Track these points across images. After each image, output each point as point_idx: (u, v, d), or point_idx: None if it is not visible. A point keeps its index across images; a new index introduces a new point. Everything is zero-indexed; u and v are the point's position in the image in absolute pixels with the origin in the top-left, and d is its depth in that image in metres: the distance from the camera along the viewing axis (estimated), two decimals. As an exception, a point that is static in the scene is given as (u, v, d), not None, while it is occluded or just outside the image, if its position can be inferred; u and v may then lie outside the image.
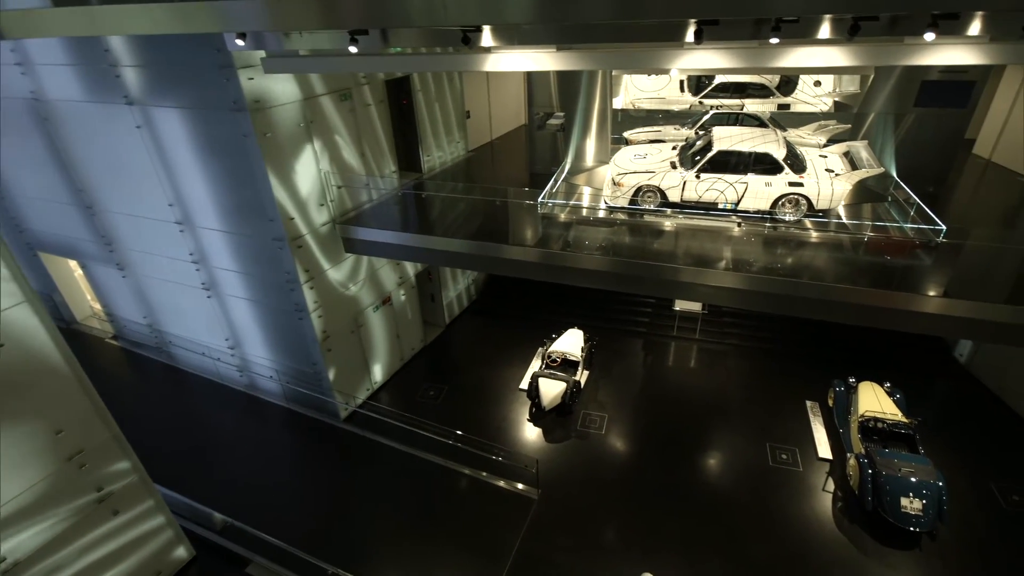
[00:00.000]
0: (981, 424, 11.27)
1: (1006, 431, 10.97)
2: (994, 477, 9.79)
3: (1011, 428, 11.02)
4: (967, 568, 8.29)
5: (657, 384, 12.89)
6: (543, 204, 9.87)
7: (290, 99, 8.83)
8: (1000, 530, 8.90)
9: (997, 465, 10.07)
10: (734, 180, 8.93)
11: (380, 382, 12.78)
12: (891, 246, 8.48)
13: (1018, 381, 11.41)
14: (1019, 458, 10.26)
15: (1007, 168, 11.48)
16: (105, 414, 7.34)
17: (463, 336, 15.09)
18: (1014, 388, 11.47)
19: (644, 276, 8.65)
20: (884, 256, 8.33)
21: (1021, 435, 10.81)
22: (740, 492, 9.79)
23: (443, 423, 11.39)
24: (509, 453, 9.99)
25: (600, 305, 15.72)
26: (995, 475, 9.83)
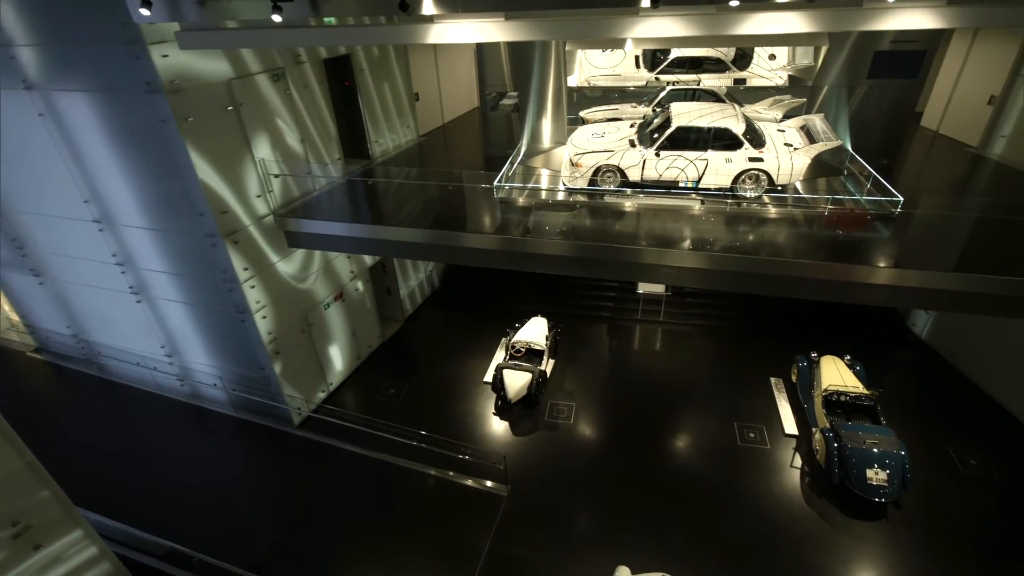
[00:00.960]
0: (936, 391, 11.62)
1: (960, 397, 11.34)
2: (951, 443, 10.08)
3: (964, 394, 11.40)
4: (931, 534, 8.48)
5: (624, 369, 12.75)
6: (499, 188, 9.43)
7: (215, 79, 8.04)
8: (960, 494, 9.15)
9: (953, 431, 10.38)
10: (694, 157, 8.72)
11: (336, 383, 12.15)
12: (849, 219, 8.47)
13: (969, 348, 11.80)
14: (974, 423, 10.61)
15: (955, 139, 11.76)
16: (15, 439, 6.51)
17: (423, 330, 14.57)
18: (966, 355, 11.87)
19: (607, 260, 8.38)
20: (842, 230, 8.31)
21: (974, 401, 11.19)
22: (710, 474, 9.74)
23: (406, 422, 10.89)
24: (475, 451, 9.61)
25: (563, 291, 15.47)
26: (952, 441, 10.12)
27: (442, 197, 10.12)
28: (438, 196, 10.17)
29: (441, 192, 10.28)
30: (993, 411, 10.86)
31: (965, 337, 11.91)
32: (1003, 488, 9.25)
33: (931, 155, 11.61)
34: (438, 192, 10.31)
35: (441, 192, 10.28)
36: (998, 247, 7.66)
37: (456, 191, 10.20)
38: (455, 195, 10.10)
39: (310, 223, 9.52)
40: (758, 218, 8.74)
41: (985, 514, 8.82)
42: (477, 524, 8.99)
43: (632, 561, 8.04)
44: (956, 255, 7.79)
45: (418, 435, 9.65)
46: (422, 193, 10.43)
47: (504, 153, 10.82)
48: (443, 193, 10.23)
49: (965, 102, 11.55)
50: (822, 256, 7.70)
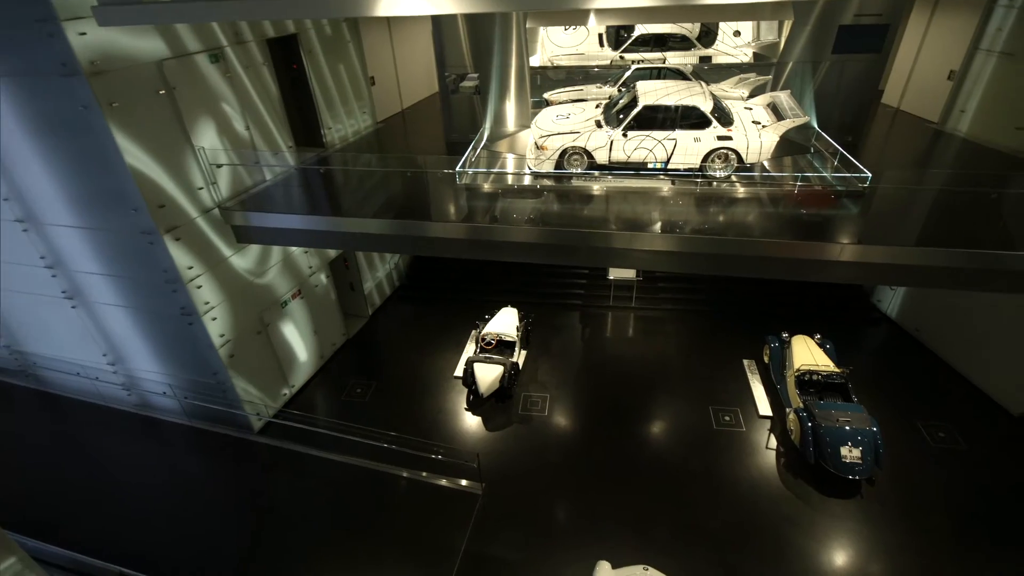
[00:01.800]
0: (903, 367, 11.83)
1: (925, 371, 11.57)
2: (919, 416, 10.25)
3: (930, 368, 11.63)
4: (904, 508, 8.57)
5: (597, 357, 12.57)
6: (462, 174, 9.01)
7: (143, 59, 7.34)
8: (930, 467, 9.31)
9: (921, 405, 10.56)
10: (662, 137, 8.47)
11: (299, 385, 11.59)
12: (818, 197, 8.39)
13: (933, 323, 12.05)
14: (940, 396, 10.83)
15: (916, 116, 11.89)
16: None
17: (389, 325, 14.08)
18: (930, 329, 12.11)
19: (576, 246, 8.10)
20: (811, 208, 8.23)
21: (939, 374, 11.43)
22: (688, 460, 9.66)
23: (374, 421, 10.49)
24: (447, 449, 9.27)
25: (534, 280, 15.19)
26: (920, 415, 10.29)
27: (404, 185, 9.64)
28: (399, 185, 9.68)
29: (402, 180, 9.79)
30: (957, 383, 11.11)
31: (929, 312, 12.14)
32: (970, 458, 9.45)
33: (893, 132, 11.70)
34: (399, 180, 9.82)
35: (402, 180, 9.79)
36: (958, 221, 7.69)
37: (418, 179, 9.73)
38: (417, 183, 9.63)
39: (260, 216, 8.92)
40: (728, 198, 8.58)
41: (954, 485, 8.98)
42: (452, 525, 8.67)
43: (613, 553, 7.87)
44: (919, 230, 7.80)
45: (387, 436, 9.24)
46: (382, 182, 9.92)
47: (467, 138, 10.38)
48: (404, 181, 9.74)
49: (925, 78, 11.67)
50: (792, 235, 7.59)
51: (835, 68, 10.04)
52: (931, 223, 7.90)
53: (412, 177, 9.77)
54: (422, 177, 9.74)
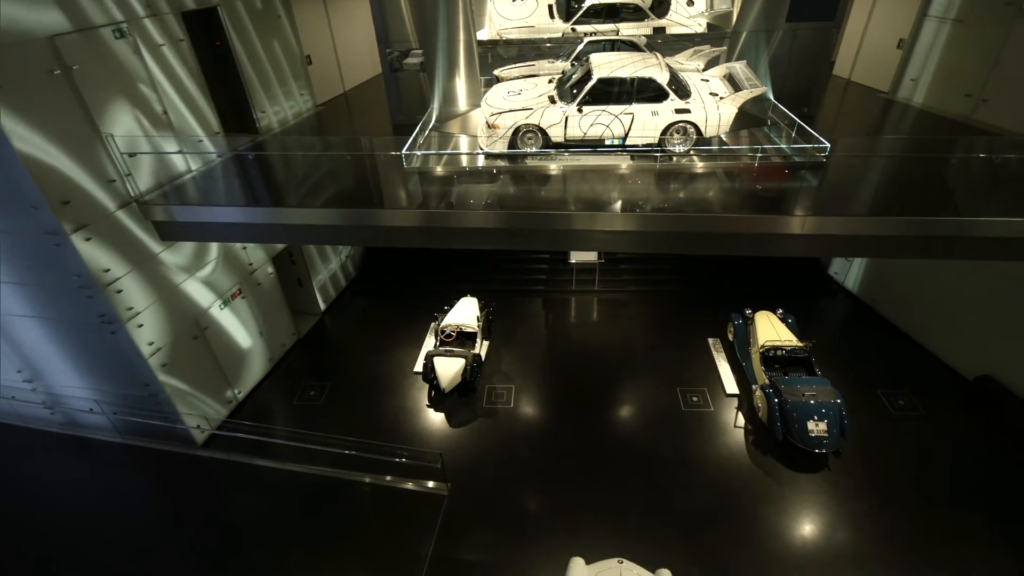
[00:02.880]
0: (861, 336, 12.05)
1: (883, 340, 11.81)
2: (879, 385, 10.43)
3: (887, 337, 11.88)
4: (870, 477, 8.68)
5: (562, 344, 12.30)
6: (409, 157, 8.45)
7: (31, 34, 6.44)
8: (892, 435, 9.46)
9: (880, 374, 10.75)
10: (619, 111, 8.13)
11: (246, 391, 10.86)
12: (778, 170, 8.26)
13: (887, 292, 12.30)
14: (897, 364, 11.06)
15: (867, 86, 11.98)
16: None
17: (343, 322, 13.41)
18: (885, 299, 12.37)
19: (535, 229, 7.70)
20: (771, 181, 8.09)
21: (896, 343, 11.68)
22: (658, 444, 9.52)
23: (330, 425, 9.96)
24: (408, 450, 8.81)
25: (493, 267, 14.78)
26: (880, 384, 10.48)
27: (349, 172, 8.98)
28: (345, 171, 9.02)
29: (348, 167, 9.13)
30: (914, 351, 11.38)
31: (884, 282, 12.39)
32: (929, 423, 9.67)
33: (845, 103, 11.76)
34: (344, 167, 9.15)
35: (348, 167, 9.13)
36: (913, 190, 7.69)
37: (366, 165, 9.09)
38: (365, 169, 8.99)
39: (187, 210, 8.12)
40: (688, 174, 8.34)
41: (916, 450, 9.17)
42: (418, 530, 8.26)
43: (586, 546, 7.64)
44: (877, 200, 7.78)
45: (345, 442, 8.70)
46: (325, 168, 9.23)
47: (415, 120, 9.77)
48: (350, 168, 9.08)
49: (875, 47, 11.74)
50: (753, 209, 7.42)
51: (788, 37, 9.93)
52: (888, 192, 7.88)
53: (359, 163, 9.12)
54: (370, 163, 9.11)
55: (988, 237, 6.70)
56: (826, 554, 7.67)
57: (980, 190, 7.59)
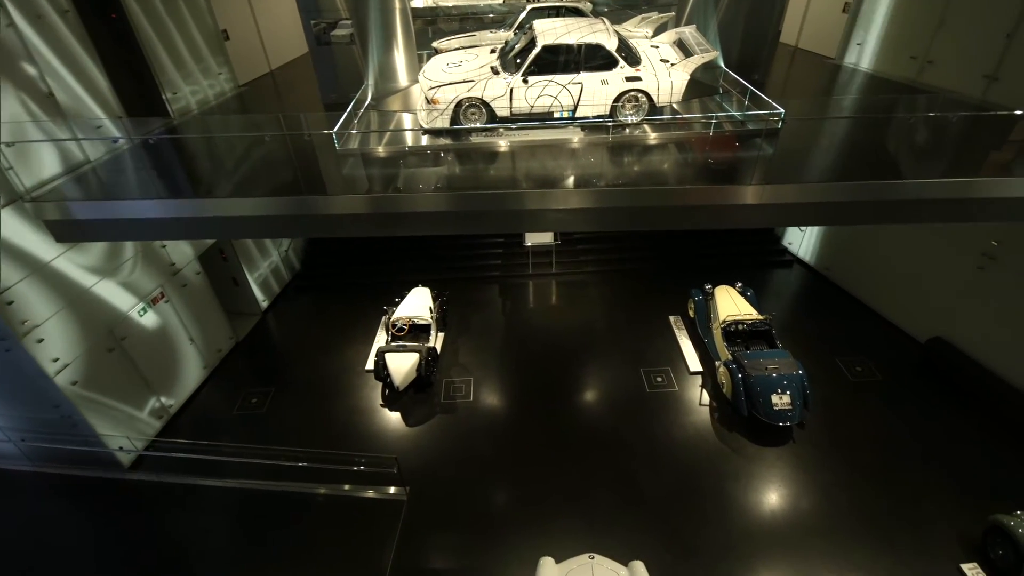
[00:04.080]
0: (817, 305, 12.20)
1: (839, 308, 11.98)
2: (837, 353, 10.55)
3: (842, 304, 12.06)
4: (835, 447, 8.73)
5: (521, 330, 11.92)
6: (341, 138, 7.75)
7: None
8: (852, 402, 9.57)
9: (837, 341, 10.88)
10: (567, 81, 7.68)
11: (178, 405, 9.99)
12: (732, 139, 8.03)
13: (840, 260, 12.48)
14: (853, 331, 11.22)
15: (814, 52, 11.95)
16: None
17: (287, 320, 12.60)
18: (838, 267, 12.55)
19: (486, 211, 7.19)
20: (726, 152, 7.86)
21: (851, 310, 11.87)
22: (624, 428, 9.31)
23: (276, 434, 9.32)
24: (358, 456, 8.25)
25: (445, 254, 14.22)
26: (838, 351, 10.60)
27: (278, 157, 8.20)
28: (272, 156, 8.22)
29: (276, 151, 8.33)
30: (868, 317, 11.58)
31: (836, 250, 12.56)
32: (886, 388, 9.84)
33: (794, 70, 11.70)
34: (271, 151, 8.34)
35: (276, 151, 8.33)
36: (863, 153, 7.63)
37: (295, 149, 8.31)
38: (295, 153, 8.22)
39: (87, 206, 7.18)
40: (642, 146, 8.01)
41: (875, 416, 9.30)
42: (376, 540, 7.76)
43: (556, 542, 7.39)
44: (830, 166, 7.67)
45: (289, 452, 8.06)
46: (250, 154, 8.39)
47: (348, 99, 9.04)
48: (279, 152, 8.29)
49: (820, 13, 11.70)
50: (709, 180, 7.17)
51: (735, 3, 9.69)
52: (842, 158, 7.77)
53: (290, 147, 8.33)
54: (302, 146, 8.33)
55: (944, 199, 6.66)
56: (795, 527, 7.65)
57: (931, 151, 7.59)
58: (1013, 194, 6.65)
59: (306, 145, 8.26)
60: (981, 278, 9.43)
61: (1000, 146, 7.60)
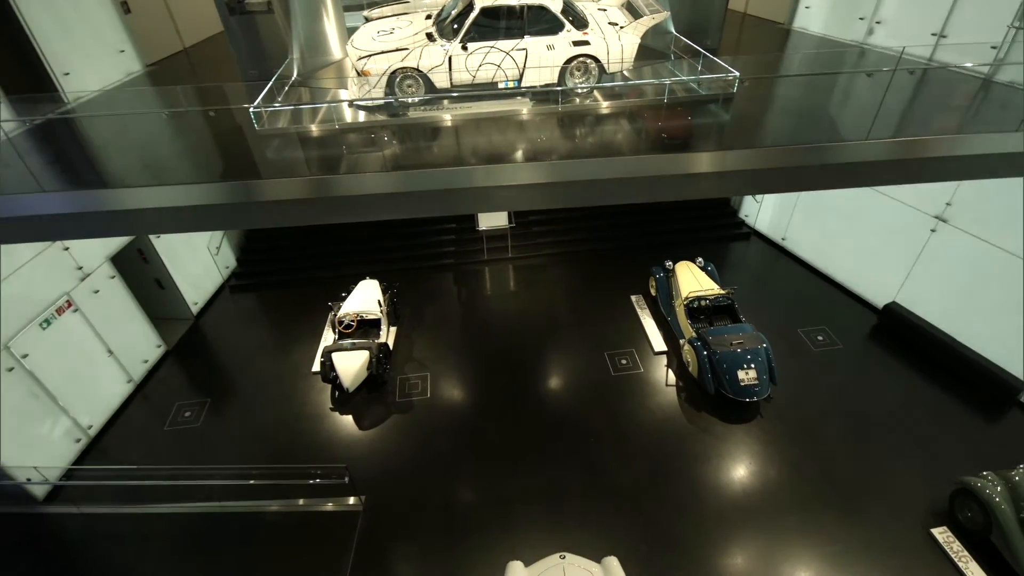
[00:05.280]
0: (776, 276, 12.20)
1: (797, 278, 12.00)
2: (799, 323, 10.53)
3: (800, 274, 12.09)
4: (802, 419, 8.67)
5: (479, 319, 11.42)
6: (262, 118, 6.96)
7: None
8: (816, 372, 9.55)
9: (798, 311, 10.88)
10: (510, 47, 7.13)
11: (99, 426, 9.05)
12: (687, 107, 7.69)
13: (795, 229, 12.49)
14: (812, 300, 11.25)
15: (763, 18, 11.76)
16: None
17: (224, 323, 11.67)
18: (794, 236, 12.57)
19: (431, 190, 6.59)
20: (682, 119, 7.52)
21: (809, 279, 11.90)
22: (591, 415, 8.98)
23: (214, 449, 8.58)
24: (304, 469, 7.62)
25: (394, 242, 13.52)
26: (799, 321, 10.58)
27: (196, 141, 7.31)
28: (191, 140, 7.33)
29: (190, 134, 7.45)
30: (827, 285, 11.64)
31: (791, 220, 12.55)
32: (847, 355, 9.87)
33: (744, 36, 11.48)
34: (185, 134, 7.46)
35: (190, 134, 7.45)
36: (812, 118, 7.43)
37: (217, 132, 7.45)
38: (210, 138, 7.36)
39: (-41, 206, 6.19)
40: (595, 116, 7.55)
41: (839, 384, 9.30)
42: (330, 556, 7.19)
43: (524, 543, 7.04)
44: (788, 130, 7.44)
45: (221, 470, 7.36)
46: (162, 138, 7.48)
47: (271, 76, 8.20)
48: (193, 135, 7.41)
49: (768, -24, 11.51)
50: (667, 149, 6.79)
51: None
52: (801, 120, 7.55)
53: (206, 130, 7.45)
54: (224, 129, 7.47)
55: (898, 160, 6.52)
56: (769, 505, 7.52)
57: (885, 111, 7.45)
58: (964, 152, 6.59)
59: (230, 127, 7.41)
60: (934, 241, 9.52)
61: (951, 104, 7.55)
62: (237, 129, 7.17)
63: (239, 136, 7.15)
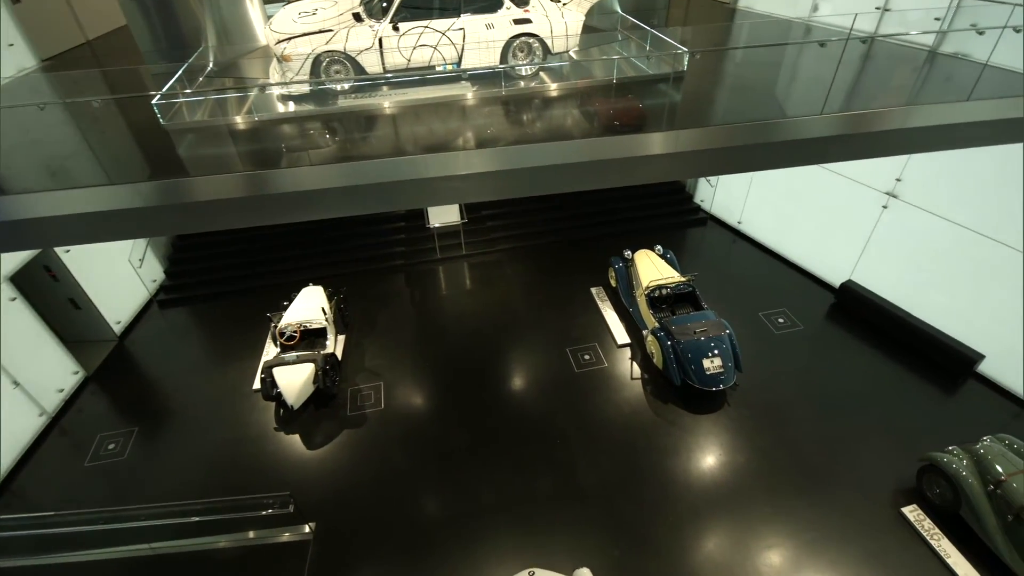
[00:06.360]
0: (735, 261, 12.16)
1: (755, 261, 11.99)
2: (759, 307, 10.48)
3: (758, 257, 12.08)
4: (768, 404, 8.56)
5: (434, 322, 10.89)
6: (168, 112, 6.25)
7: None
8: (779, 355, 9.49)
9: (757, 295, 10.83)
10: (445, 27, 6.65)
11: (8, 467, 8.11)
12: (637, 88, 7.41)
13: (750, 212, 12.50)
14: (770, 283, 11.24)
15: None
16: None
17: (152, 343, 10.74)
18: (749, 219, 12.57)
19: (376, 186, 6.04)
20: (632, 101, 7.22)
21: (767, 262, 11.91)
22: (555, 416, 8.63)
23: (142, 484, 7.80)
24: (236, 501, 6.95)
25: (338, 244, 12.82)
26: (759, 305, 10.53)
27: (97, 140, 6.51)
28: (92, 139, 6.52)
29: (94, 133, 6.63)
30: (784, 267, 11.66)
31: (746, 203, 12.55)
32: (809, 336, 9.87)
33: (690, 15, 11.34)
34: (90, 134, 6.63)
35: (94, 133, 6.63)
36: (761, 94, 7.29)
37: (120, 129, 6.65)
38: (121, 135, 6.57)
39: None
40: (542, 99, 7.16)
41: (802, 366, 9.28)
42: (278, 593, 6.59)
43: (491, 559, 6.65)
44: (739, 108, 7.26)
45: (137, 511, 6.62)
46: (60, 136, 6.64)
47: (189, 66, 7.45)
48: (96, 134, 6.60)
49: (711, -46, 11.39)
50: (616, 132, 6.48)
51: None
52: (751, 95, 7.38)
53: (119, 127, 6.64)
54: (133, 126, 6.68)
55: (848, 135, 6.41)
56: (741, 495, 7.34)
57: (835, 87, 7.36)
58: (917, 124, 6.54)
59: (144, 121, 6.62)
60: (886, 217, 9.59)
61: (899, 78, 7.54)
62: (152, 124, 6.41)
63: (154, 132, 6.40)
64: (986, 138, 6.42)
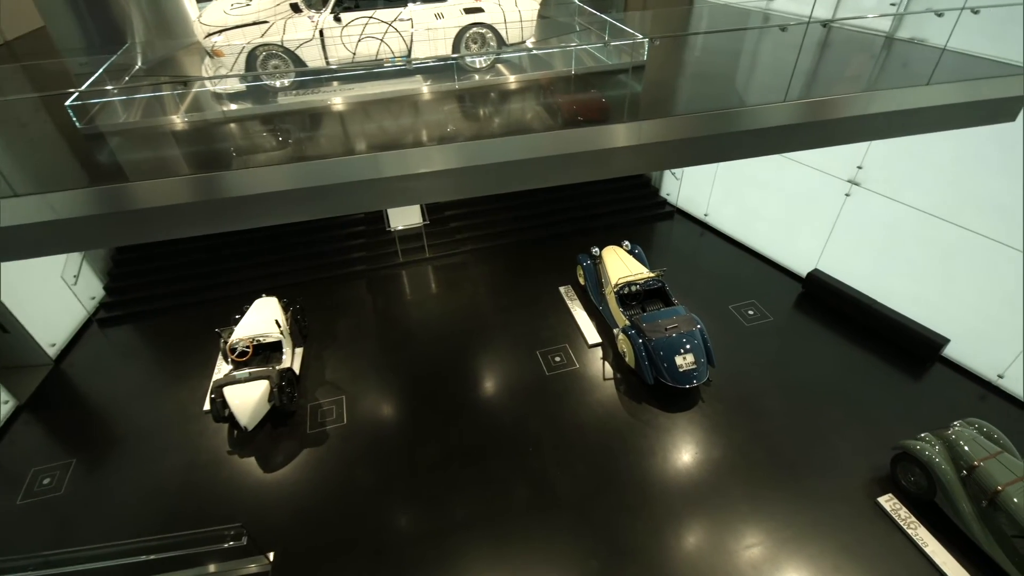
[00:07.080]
0: (702, 254, 12.10)
1: (723, 254, 11.96)
2: (729, 300, 10.42)
3: (726, 250, 12.05)
4: (742, 399, 8.47)
5: (398, 329, 10.48)
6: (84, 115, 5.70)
7: None
8: (751, 348, 9.43)
9: (726, 287, 10.78)
10: (391, 18, 6.28)
11: (-74, 510, 7.38)
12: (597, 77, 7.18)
13: (716, 204, 12.47)
14: (739, 275, 11.20)
15: (666, -13, 11.56)
16: None
17: (91, 365, 10.02)
18: (715, 212, 12.55)
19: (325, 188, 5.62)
20: (592, 92, 6.99)
21: (734, 254, 11.88)
22: (527, 421, 8.35)
23: (80, 522, 7.18)
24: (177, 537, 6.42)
25: (293, 252, 12.27)
26: (729, 298, 10.47)
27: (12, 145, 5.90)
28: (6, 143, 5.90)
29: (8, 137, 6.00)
30: (752, 259, 11.66)
31: (711, 195, 12.52)
32: (779, 327, 9.85)
33: (648, 5, 11.21)
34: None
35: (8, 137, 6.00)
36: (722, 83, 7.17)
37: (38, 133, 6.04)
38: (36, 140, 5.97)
39: None
40: (499, 92, 6.85)
41: (773, 358, 9.24)
42: (234, 632, 6.11)
43: (467, 575, 6.27)
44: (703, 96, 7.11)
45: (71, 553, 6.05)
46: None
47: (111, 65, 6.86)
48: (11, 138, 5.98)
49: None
50: (577, 124, 6.23)
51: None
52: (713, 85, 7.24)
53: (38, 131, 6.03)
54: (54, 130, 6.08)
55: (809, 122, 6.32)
56: (719, 495, 7.20)
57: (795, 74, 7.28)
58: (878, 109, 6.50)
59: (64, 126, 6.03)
60: (848, 205, 9.64)
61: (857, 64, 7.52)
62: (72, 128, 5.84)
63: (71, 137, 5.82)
64: (946, 122, 6.41)
